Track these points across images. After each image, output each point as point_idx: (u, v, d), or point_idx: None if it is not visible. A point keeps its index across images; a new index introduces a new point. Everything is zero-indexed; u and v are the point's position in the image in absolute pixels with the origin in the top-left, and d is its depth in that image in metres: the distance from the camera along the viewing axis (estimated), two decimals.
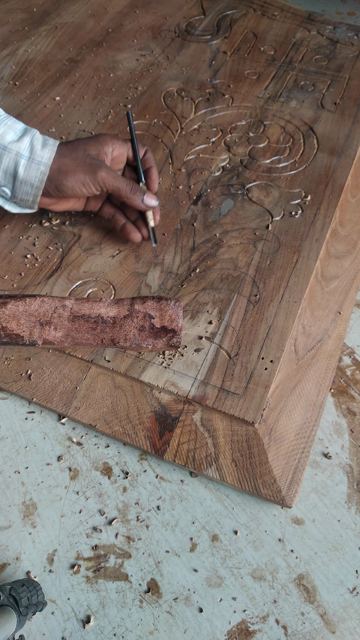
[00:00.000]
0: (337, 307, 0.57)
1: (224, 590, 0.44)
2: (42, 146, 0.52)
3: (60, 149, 0.53)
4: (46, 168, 0.51)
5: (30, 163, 0.51)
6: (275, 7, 0.94)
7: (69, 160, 0.52)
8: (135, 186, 0.54)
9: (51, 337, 0.37)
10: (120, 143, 0.55)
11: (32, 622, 0.43)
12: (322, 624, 0.42)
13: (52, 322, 0.37)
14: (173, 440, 0.48)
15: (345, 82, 0.80)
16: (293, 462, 0.47)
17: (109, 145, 0.54)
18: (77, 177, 0.52)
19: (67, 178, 0.52)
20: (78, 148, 0.53)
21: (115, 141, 0.55)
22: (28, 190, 0.52)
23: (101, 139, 0.54)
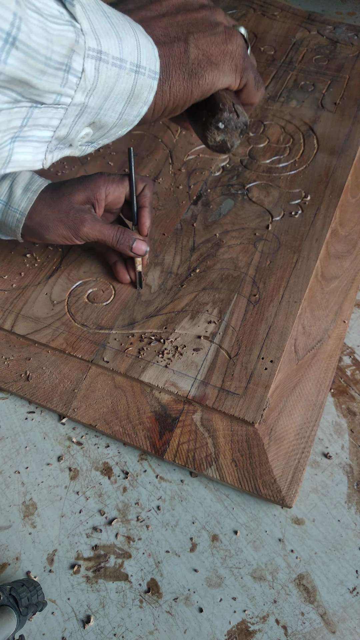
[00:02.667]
0: (337, 307, 0.57)
1: (224, 590, 0.44)
2: (23, 191, 0.49)
3: (43, 197, 0.49)
4: (22, 216, 0.49)
5: (7, 209, 0.49)
6: (275, 7, 0.94)
7: (51, 212, 0.49)
8: (123, 234, 0.51)
9: None
10: (116, 185, 0.51)
11: (32, 622, 0.43)
12: (322, 624, 0.42)
13: None
14: (173, 440, 0.48)
15: (345, 82, 0.80)
16: (293, 462, 0.47)
17: (101, 191, 0.50)
18: (58, 232, 0.49)
19: (48, 232, 0.49)
20: (63, 198, 0.49)
21: (109, 185, 0.51)
22: (8, 231, 0.51)
23: (93, 184, 0.50)
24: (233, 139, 0.37)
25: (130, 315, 0.54)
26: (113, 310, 0.55)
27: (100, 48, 0.28)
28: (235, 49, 0.35)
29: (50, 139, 0.30)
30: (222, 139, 0.37)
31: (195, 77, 0.34)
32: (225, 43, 0.35)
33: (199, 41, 0.34)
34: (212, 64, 0.34)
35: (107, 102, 0.30)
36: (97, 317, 0.54)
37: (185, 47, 0.34)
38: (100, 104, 0.30)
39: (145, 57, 0.31)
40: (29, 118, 0.28)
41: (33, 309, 0.55)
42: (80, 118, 0.30)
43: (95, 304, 0.55)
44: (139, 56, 0.30)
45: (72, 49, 0.26)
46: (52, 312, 0.54)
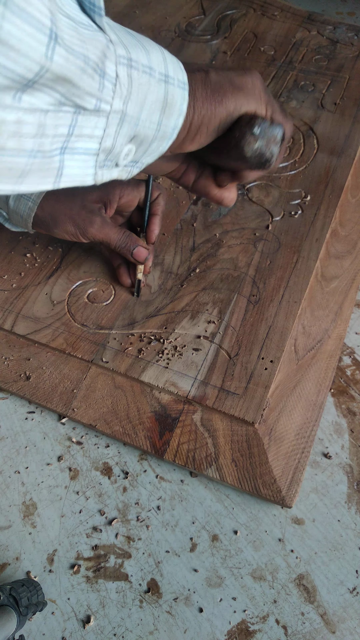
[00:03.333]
0: (337, 307, 0.57)
1: (224, 590, 0.44)
2: None
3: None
4: (34, 205, 0.49)
5: (19, 196, 0.49)
6: (275, 7, 0.94)
7: (63, 207, 0.49)
8: (128, 238, 0.51)
9: None
10: (131, 189, 0.51)
11: (32, 622, 0.43)
12: (322, 624, 0.42)
13: None
14: (173, 440, 0.48)
15: (345, 82, 0.80)
16: (293, 462, 0.47)
17: (115, 192, 0.50)
18: (65, 227, 0.49)
19: (57, 226, 0.49)
20: (76, 193, 0.49)
21: (124, 187, 0.51)
22: (19, 220, 0.51)
23: (108, 184, 0.50)
24: (272, 147, 0.35)
25: (130, 315, 0.54)
26: (113, 310, 0.55)
27: (130, 56, 0.29)
28: (257, 80, 0.36)
29: (97, 151, 0.31)
30: (260, 146, 0.35)
31: (219, 94, 0.34)
32: (245, 76, 0.36)
33: (219, 71, 0.35)
34: (236, 87, 0.35)
35: (143, 111, 0.31)
36: (97, 317, 0.54)
37: (205, 74, 0.35)
38: (138, 112, 0.31)
39: (172, 68, 0.32)
40: (74, 126, 0.28)
41: (33, 309, 0.55)
42: (121, 128, 0.31)
43: (95, 304, 0.55)
44: (166, 67, 0.31)
45: (104, 53, 0.27)
46: (52, 312, 0.54)
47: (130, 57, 0.29)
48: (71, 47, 0.25)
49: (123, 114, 0.30)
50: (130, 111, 0.30)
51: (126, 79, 0.29)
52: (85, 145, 0.30)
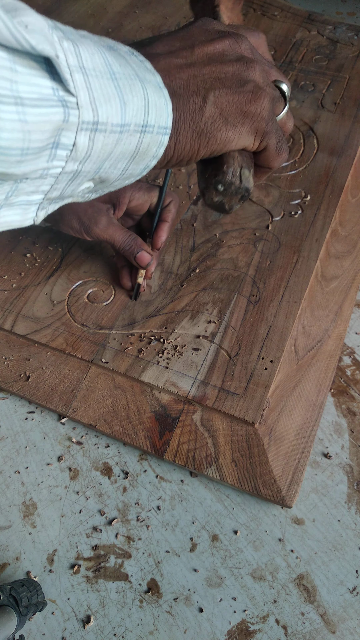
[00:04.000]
0: (337, 307, 0.57)
1: (224, 590, 0.44)
2: None
3: None
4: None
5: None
6: (275, 7, 0.94)
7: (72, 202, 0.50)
8: (133, 242, 0.50)
9: None
10: (142, 192, 0.50)
11: (32, 622, 0.43)
12: (322, 624, 0.42)
13: None
14: (173, 440, 0.48)
15: (345, 82, 0.80)
16: (293, 462, 0.47)
17: (126, 194, 0.50)
18: (71, 224, 0.49)
19: (63, 221, 0.49)
20: None
21: (136, 191, 0.50)
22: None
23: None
24: (232, 203, 0.35)
25: (130, 315, 0.54)
26: (113, 310, 0.55)
27: (97, 119, 0.26)
28: (260, 111, 0.33)
29: (41, 200, 0.29)
30: (220, 200, 0.35)
31: (205, 136, 0.32)
32: (249, 103, 0.32)
33: (219, 99, 0.32)
34: (228, 124, 0.32)
35: (105, 163, 0.29)
36: (97, 317, 0.54)
37: (202, 103, 0.31)
38: (97, 167, 0.29)
39: (154, 115, 0.29)
40: (13, 191, 0.27)
41: (33, 309, 0.55)
42: (74, 181, 0.29)
43: (95, 304, 0.55)
44: (146, 116, 0.29)
45: (60, 128, 0.25)
46: (52, 312, 0.54)
47: (97, 120, 0.26)
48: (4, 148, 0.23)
49: (77, 172, 0.28)
50: (87, 168, 0.28)
51: (86, 143, 0.27)
52: (28, 198, 0.28)
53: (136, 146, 0.29)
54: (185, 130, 0.31)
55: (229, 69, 0.32)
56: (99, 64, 0.26)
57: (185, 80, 0.31)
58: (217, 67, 0.32)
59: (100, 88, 0.26)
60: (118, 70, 0.27)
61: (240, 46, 0.34)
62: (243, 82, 0.32)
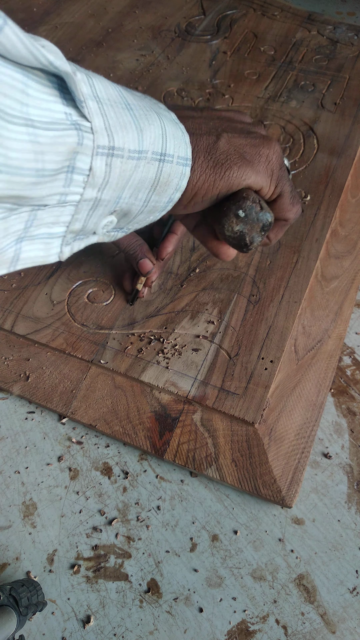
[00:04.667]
0: (337, 307, 0.57)
1: (224, 590, 0.44)
2: None
3: None
4: None
5: None
6: (275, 7, 0.94)
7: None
8: (138, 247, 0.50)
9: None
10: None
11: (32, 622, 0.43)
12: (322, 624, 0.42)
13: None
14: (173, 440, 0.48)
15: (345, 82, 0.80)
16: (293, 462, 0.47)
17: None
18: None
19: None
20: None
21: None
22: None
23: None
24: (253, 234, 0.33)
25: (130, 315, 0.54)
26: (113, 310, 0.55)
27: (113, 144, 0.26)
28: (272, 155, 0.33)
29: (64, 233, 0.28)
30: (241, 230, 0.33)
31: (222, 168, 0.31)
32: (261, 146, 0.33)
33: (232, 139, 0.32)
34: (244, 160, 0.32)
35: (125, 192, 0.28)
36: (97, 317, 0.54)
37: (215, 140, 0.32)
38: (117, 195, 0.28)
39: (172, 144, 0.29)
40: (32, 220, 0.26)
41: (33, 309, 0.55)
42: (95, 211, 0.28)
43: (95, 304, 0.55)
44: (164, 145, 0.29)
45: (75, 151, 0.25)
46: (52, 312, 0.54)
47: (114, 145, 0.26)
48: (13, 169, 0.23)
49: (97, 200, 0.28)
50: (107, 196, 0.28)
51: (103, 169, 0.26)
52: (49, 231, 0.28)
53: (156, 175, 0.29)
54: (200, 161, 0.31)
55: (237, 124, 0.34)
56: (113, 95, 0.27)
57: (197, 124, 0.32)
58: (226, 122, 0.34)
59: (115, 116, 0.26)
60: (133, 102, 0.28)
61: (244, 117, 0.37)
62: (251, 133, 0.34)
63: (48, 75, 0.24)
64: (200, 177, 0.31)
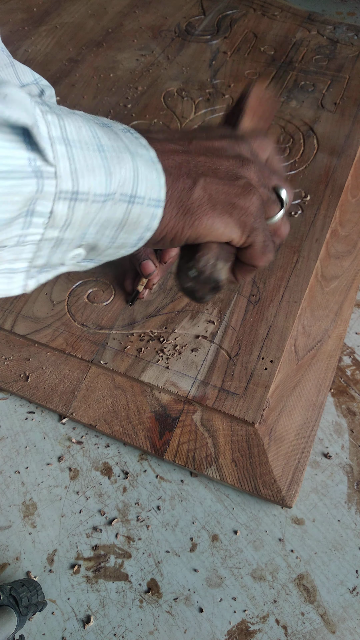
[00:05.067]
0: (337, 307, 0.57)
1: (224, 590, 0.44)
2: None
3: None
4: None
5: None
6: (275, 7, 0.94)
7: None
8: (143, 250, 0.50)
9: None
10: None
11: (32, 622, 0.43)
12: (322, 624, 0.42)
13: None
14: (173, 440, 0.48)
15: (345, 82, 0.80)
16: (293, 462, 0.47)
17: None
18: None
19: None
20: None
21: None
22: None
23: None
24: (203, 292, 0.34)
25: (130, 315, 0.54)
26: (113, 310, 0.55)
27: (77, 189, 0.26)
28: (248, 206, 0.32)
29: (27, 268, 0.28)
30: (191, 287, 0.34)
31: (191, 216, 0.31)
32: (238, 196, 0.32)
33: (209, 185, 0.31)
34: (215, 211, 0.31)
35: (90, 229, 0.28)
36: (97, 317, 0.54)
37: (191, 185, 0.31)
38: (82, 233, 0.28)
39: (144, 186, 0.29)
40: None
41: (33, 309, 0.55)
42: (58, 248, 0.28)
43: (95, 304, 0.55)
44: (134, 187, 0.28)
45: (34, 198, 0.25)
46: (52, 312, 0.54)
47: (77, 189, 0.26)
48: None
49: (59, 239, 0.27)
50: (70, 235, 0.27)
51: (65, 212, 0.26)
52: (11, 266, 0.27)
53: (124, 215, 0.29)
54: (171, 207, 0.31)
55: (224, 162, 0.32)
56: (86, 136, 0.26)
57: (179, 162, 0.31)
58: (212, 160, 0.32)
59: (84, 159, 0.26)
60: (106, 143, 0.27)
61: (240, 147, 0.34)
62: (235, 177, 0.32)
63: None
64: (169, 222, 0.31)
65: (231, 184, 0.32)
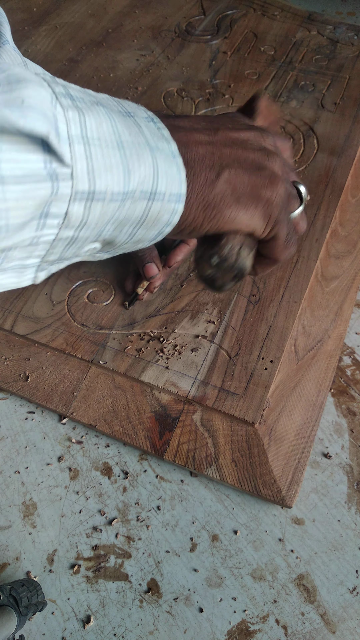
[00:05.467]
0: (337, 307, 0.57)
1: (224, 590, 0.44)
2: None
3: None
4: None
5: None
6: (275, 7, 0.94)
7: None
8: (147, 250, 0.50)
9: None
10: None
11: (32, 622, 0.43)
12: (322, 624, 0.42)
13: None
14: (173, 440, 0.48)
15: (345, 82, 0.80)
16: (293, 462, 0.47)
17: None
18: None
19: None
20: None
21: None
22: None
23: None
24: (224, 280, 0.33)
25: (130, 315, 0.54)
26: (113, 310, 0.55)
27: (94, 189, 0.25)
28: (274, 198, 0.31)
29: (39, 263, 0.28)
30: (212, 275, 0.33)
31: (212, 210, 0.30)
32: (264, 188, 0.31)
33: (233, 177, 0.30)
34: (238, 203, 0.31)
35: (107, 227, 0.27)
36: (97, 317, 0.54)
37: (214, 178, 0.30)
38: (98, 231, 0.27)
39: (164, 182, 0.28)
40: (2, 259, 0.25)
41: (33, 308, 0.55)
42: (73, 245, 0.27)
43: (95, 304, 0.55)
44: (154, 183, 0.27)
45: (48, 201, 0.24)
46: (52, 312, 0.54)
47: (94, 189, 0.25)
48: None
49: (74, 237, 0.27)
50: (85, 234, 0.27)
51: (81, 212, 0.25)
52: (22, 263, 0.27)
53: (143, 212, 0.28)
54: (192, 200, 0.30)
55: (250, 155, 0.32)
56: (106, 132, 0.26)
57: (202, 155, 0.30)
58: (237, 151, 0.31)
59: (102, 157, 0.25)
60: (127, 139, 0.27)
61: (265, 140, 0.33)
62: (261, 168, 0.31)
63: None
64: (188, 216, 0.30)
65: (257, 174, 0.31)
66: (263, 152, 0.32)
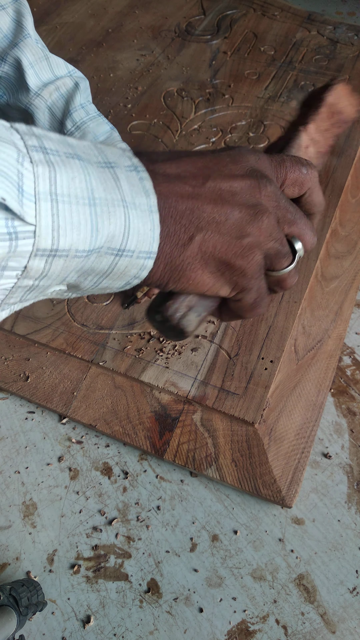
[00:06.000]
0: (337, 307, 0.57)
1: (224, 590, 0.44)
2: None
3: None
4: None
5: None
6: (275, 7, 0.94)
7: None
8: None
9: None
10: None
11: (32, 622, 0.43)
12: (322, 624, 0.42)
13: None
14: (173, 440, 0.48)
15: (345, 82, 0.80)
16: (293, 462, 0.47)
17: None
18: None
19: None
20: None
21: None
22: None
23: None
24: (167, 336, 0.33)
25: (130, 315, 0.54)
26: (113, 311, 0.55)
27: (57, 247, 0.25)
28: (245, 267, 0.30)
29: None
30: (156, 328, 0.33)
31: (177, 272, 0.29)
32: (237, 257, 0.30)
33: (206, 242, 0.29)
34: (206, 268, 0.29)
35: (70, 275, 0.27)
36: (97, 317, 0.54)
37: (186, 241, 0.29)
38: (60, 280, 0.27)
39: (135, 241, 0.27)
40: None
41: (33, 309, 0.55)
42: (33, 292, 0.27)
43: (95, 304, 0.55)
44: (124, 242, 0.27)
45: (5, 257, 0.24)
46: (52, 312, 0.54)
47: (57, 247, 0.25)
48: None
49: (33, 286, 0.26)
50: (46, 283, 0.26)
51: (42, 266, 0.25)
52: None
53: (109, 266, 0.27)
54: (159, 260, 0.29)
55: (234, 214, 0.30)
56: (78, 188, 0.25)
57: (181, 212, 0.29)
58: (221, 208, 0.30)
59: (70, 215, 0.25)
60: (100, 195, 0.26)
61: (261, 192, 0.30)
62: (241, 234, 0.30)
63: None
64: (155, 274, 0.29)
65: (232, 242, 0.30)
66: (251, 210, 0.30)
